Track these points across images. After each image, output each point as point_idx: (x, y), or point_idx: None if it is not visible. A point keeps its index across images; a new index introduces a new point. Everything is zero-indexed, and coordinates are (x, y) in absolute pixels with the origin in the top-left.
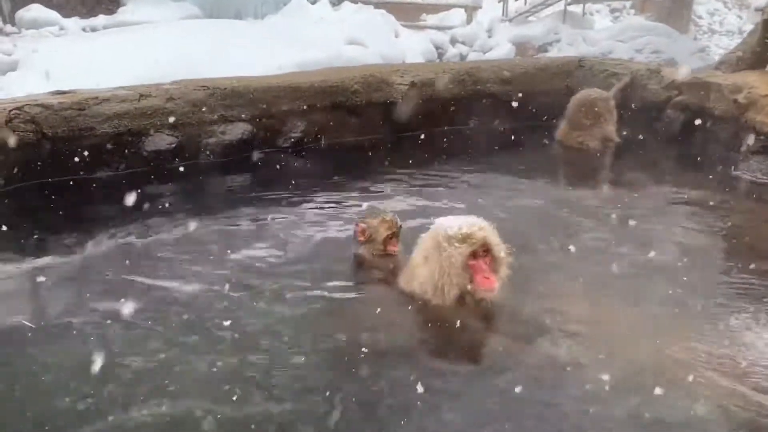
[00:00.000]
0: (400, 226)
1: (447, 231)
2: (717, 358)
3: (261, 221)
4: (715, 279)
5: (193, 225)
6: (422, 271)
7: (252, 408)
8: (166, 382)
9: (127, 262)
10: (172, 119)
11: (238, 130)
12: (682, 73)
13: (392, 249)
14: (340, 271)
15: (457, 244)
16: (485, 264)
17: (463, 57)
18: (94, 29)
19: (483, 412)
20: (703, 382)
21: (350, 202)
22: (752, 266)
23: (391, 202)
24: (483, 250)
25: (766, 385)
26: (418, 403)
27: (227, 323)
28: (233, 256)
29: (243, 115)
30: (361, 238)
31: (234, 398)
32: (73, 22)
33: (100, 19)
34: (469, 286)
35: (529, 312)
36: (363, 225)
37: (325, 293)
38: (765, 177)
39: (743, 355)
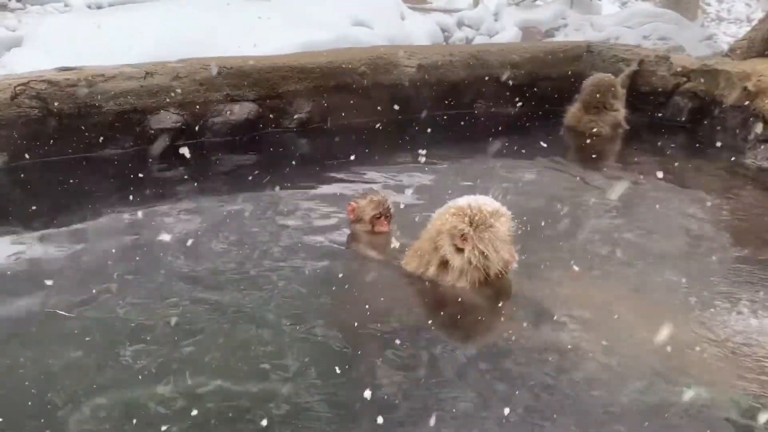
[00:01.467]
0: (389, 207)
1: (444, 210)
2: (722, 343)
3: (264, 200)
4: (721, 267)
5: (195, 204)
6: (419, 246)
7: (267, 384)
8: (175, 366)
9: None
10: (178, 98)
11: (244, 110)
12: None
13: (381, 228)
14: (334, 248)
15: (447, 217)
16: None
17: (469, 40)
18: (99, 6)
19: (485, 394)
20: (708, 367)
21: (353, 183)
22: (759, 255)
23: (394, 183)
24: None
25: None
26: (421, 382)
27: (230, 301)
28: (239, 236)
29: (249, 95)
30: (351, 217)
31: (250, 375)
32: None
33: None
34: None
35: (533, 296)
36: (353, 204)
37: (317, 265)
38: None
39: (748, 341)
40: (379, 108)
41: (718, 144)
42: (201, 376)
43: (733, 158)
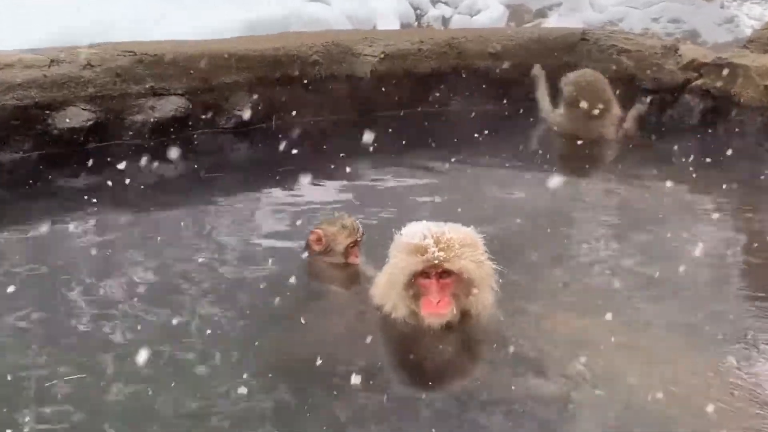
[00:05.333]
0: (363, 234)
1: (400, 238)
2: (735, 388)
3: (194, 219)
4: (735, 299)
5: (112, 224)
6: (380, 280)
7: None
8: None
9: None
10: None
11: (170, 106)
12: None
13: (354, 260)
14: (289, 281)
15: (404, 256)
16: (438, 284)
17: (445, 20)
18: None
19: None
20: (722, 413)
21: (304, 198)
22: None
23: (354, 199)
24: (438, 270)
25: None
26: None
27: (146, 347)
28: (157, 263)
29: (177, 88)
30: (317, 248)
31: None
32: None
33: None
34: (415, 306)
35: (517, 334)
36: (319, 232)
37: (274, 306)
38: None
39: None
40: (334, 105)
41: (734, 151)
42: None
43: (750, 168)
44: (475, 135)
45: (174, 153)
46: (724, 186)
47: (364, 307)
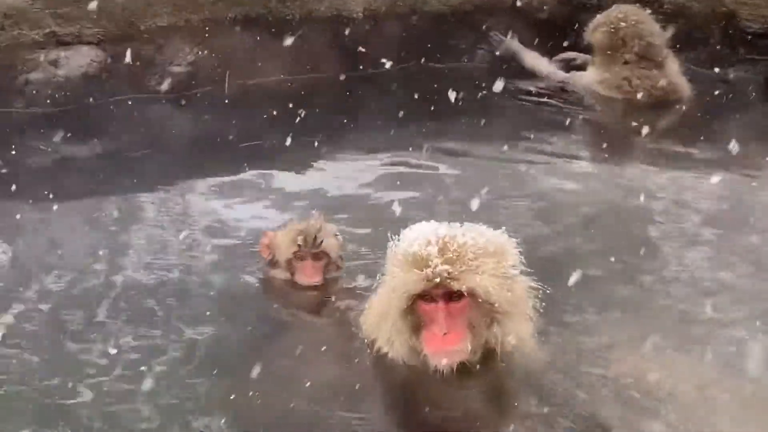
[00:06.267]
0: (318, 241)
1: (397, 247)
2: None
3: (110, 214)
4: None
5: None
6: (372, 305)
7: None
8: None
9: None
10: None
11: (79, 60)
12: None
13: (302, 277)
14: (242, 309)
15: (398, 271)
16: (446, 310)
17: None
18: None
19: None
20: None
21: (260, 190)
22: None
23: (334, 191)
24: (445, 291)
25: None
26: None
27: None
28: (56, 276)
29: (88, 35)
30: (265, 256)
31: None
32: None
33: None
34: (415, 342)
35: (562, 381)
36: (266, 238)
37: (222, 345)
38: None
39: None
40: (310, 60)
41: None
42: None
43: None
44: (509, 104)
45: (86, 126)
46: None
47: (348, 344)
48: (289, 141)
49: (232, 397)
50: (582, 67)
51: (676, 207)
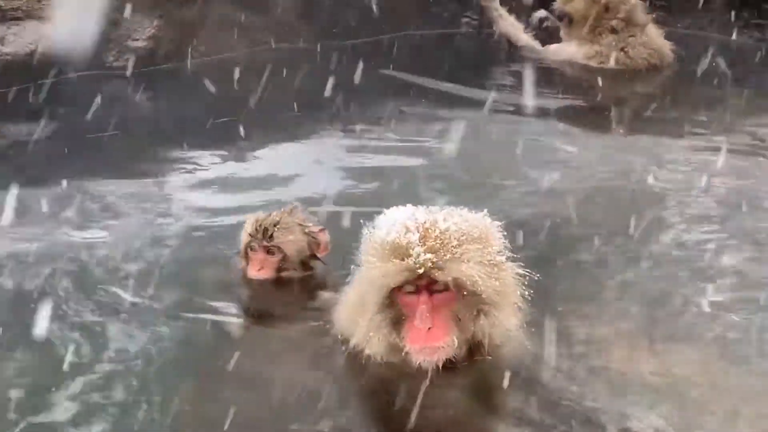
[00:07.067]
0: (271, 234)
1: (373, 235)
2: None
3: (61, 204)
4: None
5: None
6: (347, 299)
7: None
8: None
9: None
10: None
11: (27, 38)
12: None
13: (252, 271)
14: (201, 297)
15: (376, 261)
16: (429, 303)
17: None
18: None
19: None
20: None
21: (228, 172)
22: None
23: (314, 174)
24: (428, 282)
25: None
26: None
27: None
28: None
29: (36, 9)
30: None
31: None
32: None
33: None
34: (395, 338)
35: (555, 378)
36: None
37: (191, 344)
38: None
39: None
40: (286, 26)
41: None
42: None
43: None
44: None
45: (38, 108)
46: None
47: (321, 342)
48: (259, 118)
49: (186, 408)
50: (554, 33)
51: (680, 183)
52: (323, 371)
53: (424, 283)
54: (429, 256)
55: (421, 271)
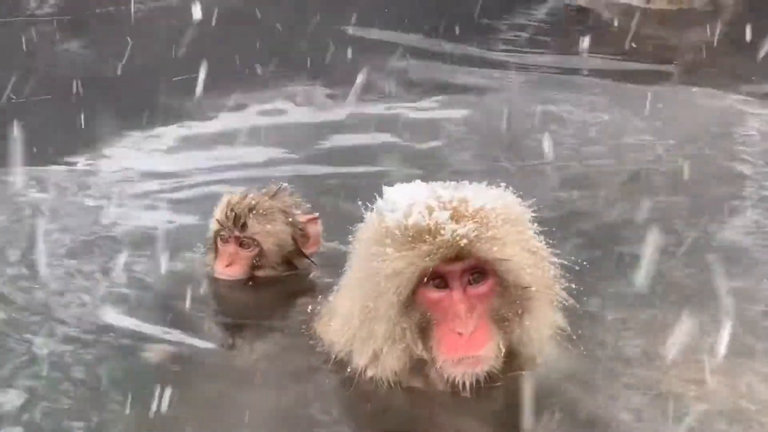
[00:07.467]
0: (243, 223)
1: (384, 218)
2: None
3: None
4: None
5: None
6: (340, 305)
7: None
8: None
9: None
10: None
11: None
12: None
13: (219, 266)
14: (157, 299)
15: (394, 251)
16: (464, 297)
17: None
18: None
19: None
20: None
21: (185, 137)
22: None
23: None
24: (461, 270)
25: None
26: None
27: None
28: None
29: None
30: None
31: None
32: None
33: None
34: (422, 350)
35: (597, 396)
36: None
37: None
38: None
39: None
40: None
41: None
42: None
43: None
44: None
45: None
46: None
47: (303, 360)
48: (213, 72)
49: None
50: None
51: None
52: (306, 396)
53: (459, 270)
54: (471, 225)
55: (463, 243)
